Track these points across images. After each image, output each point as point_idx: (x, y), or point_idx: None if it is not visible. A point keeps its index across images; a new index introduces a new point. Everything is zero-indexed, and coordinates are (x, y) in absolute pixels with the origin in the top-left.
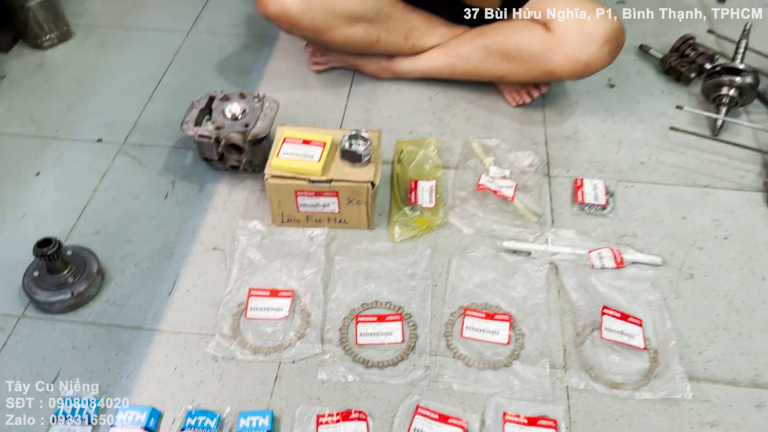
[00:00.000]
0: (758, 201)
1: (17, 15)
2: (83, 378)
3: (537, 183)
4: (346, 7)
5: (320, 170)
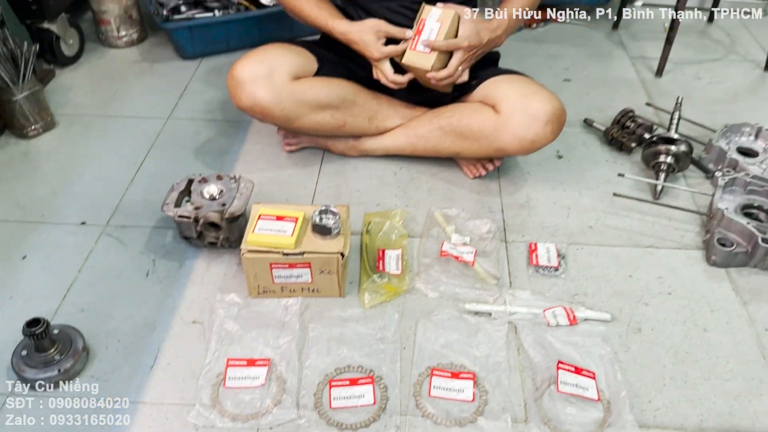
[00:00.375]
0: (698, 258)
1: (4, 108)
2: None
3: (495, 248)
4: (314, 97)
5: (293, 244)
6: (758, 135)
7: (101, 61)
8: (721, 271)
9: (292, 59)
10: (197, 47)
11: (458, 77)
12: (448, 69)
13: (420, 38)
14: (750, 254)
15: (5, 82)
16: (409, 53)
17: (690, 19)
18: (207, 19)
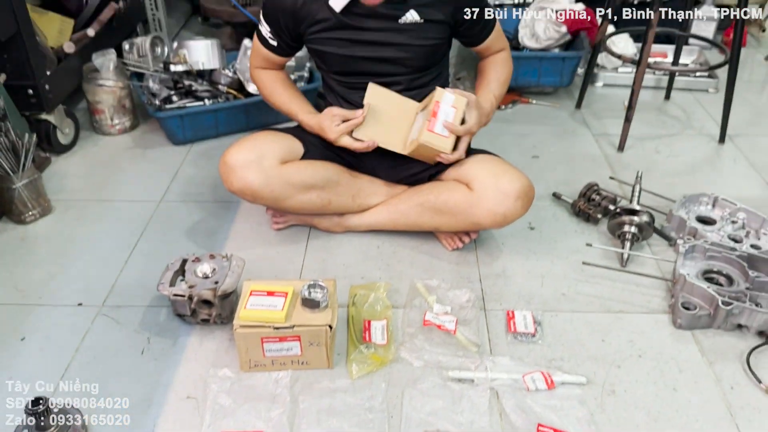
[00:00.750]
0: (665, 322)
1: (3, 195)
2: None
3: (475, 316)
4: (300, 179)
5: (284, 318)
6: (715, 204)
7: (95, 148)
8: (687, 333)
9: (280, 145)
10: (188, 134)
11: (459, 156)
12: (459, 152)
13: (437, 120)
14: (712, 316)
15: (6, 171)
16: (427, 134)
17: (648, 98)
18: (197, 107)
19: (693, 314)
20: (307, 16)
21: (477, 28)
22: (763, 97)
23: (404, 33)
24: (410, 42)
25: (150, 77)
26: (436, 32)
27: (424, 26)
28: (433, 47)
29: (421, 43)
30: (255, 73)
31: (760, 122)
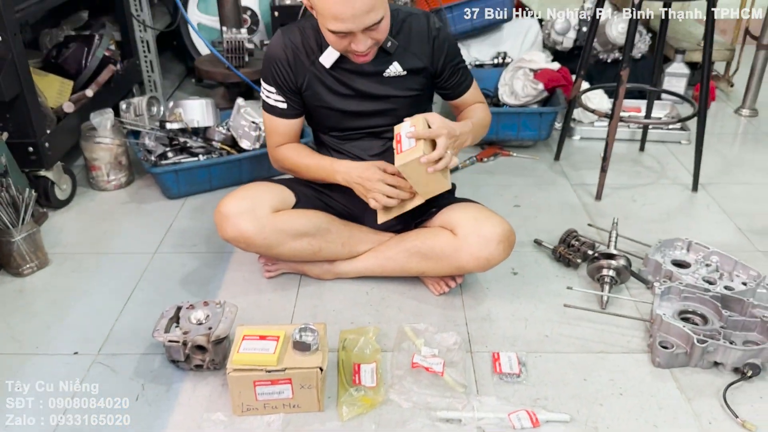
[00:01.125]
0: (644, 361)
1: (2, 248)
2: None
3: (461, 358)
4: (292, 227)
5: (275, 361)
6: (689, 248)
7: (91, 204)
8: (665, 371)
9: (272, 194)
10: (182, 188)
11: (450, 161)
12: (439, 149)
13: (401, 145)
14: (689, 354)
15: (6, 225)
16: (398, 157)
17: (624, 150)
18: (191, 163)
19: (670, 353)
20: (301, 70)
21: (454, 81)
22: (734, 148)
23: (389, 85)
24: (395, 93)
25: (146, 135)
26: (418, 82)
27: (407, 77)
28: (417, 97)
29: (405, 94)
30: (276, 152)
31: (732, 171)
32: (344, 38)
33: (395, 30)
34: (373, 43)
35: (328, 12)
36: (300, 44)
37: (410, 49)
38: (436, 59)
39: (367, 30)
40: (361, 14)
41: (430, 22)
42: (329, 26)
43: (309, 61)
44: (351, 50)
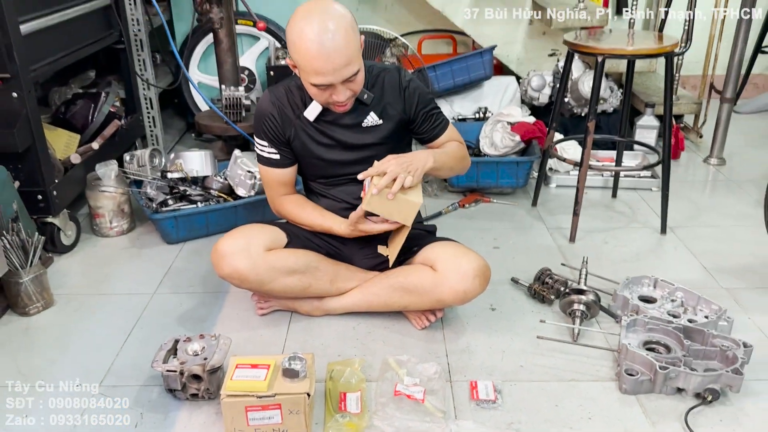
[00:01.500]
0: (612, 388)
1: (11, 288)
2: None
3: (441, 387)
4: (283, 264)
5: (266, 387)
6: (656, 285)
7: (94, 249)
8: (632, 398)
9: (266, 235)
10: (181, 233)
11: (404, 180)
12: (386, 176)
13: (365, 191)
14: (653, 381)
15: (15, 266)
16: (363, 202)
17: (597, 196)
18: (190, 209)
19: (636, 379)
20: (288, 124)
21: (427, 126)
22: (702, 194)
23: (368, 134)
24: (373, 141)
25: (148, 184)
26: (394, 130)
27: (383, 126)
28: (393, 144)
29: (383, 141)
30: (279, 204)
31: (700, 216)
32: (325, 90)
33: (370, 84)
34: (351, 94)
35: (311, 68)
36: (286, 101)
37: (385, 100)
38: (408, 107)
39: (346, 82)
40: (339, 68)
41: (401, 75)
42: (312, 80)
43: (294, 115)
44: (332, 101)
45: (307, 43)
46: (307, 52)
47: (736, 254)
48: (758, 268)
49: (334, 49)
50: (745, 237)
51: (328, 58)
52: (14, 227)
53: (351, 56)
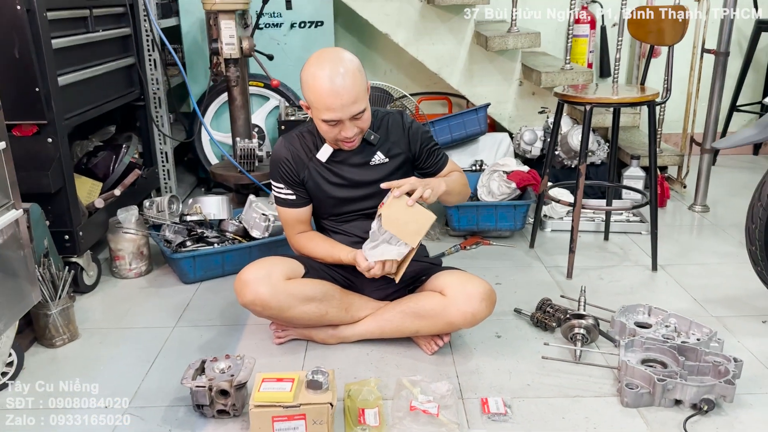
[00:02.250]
0: (614, 402)
1: (39, 320)
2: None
3: (454, 403)
4: (302, 292)
5: (291, 398)
6: (650, 313)
7: (114, 289)
8: (633, 410)
9: (285, 265)
10: (198, 273)
11: (423, 192)
12: (406, 184)
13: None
14: (652, 394)
15: (46, 298)
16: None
17: (590, 239)
18: (208, 249)
19: (636, 392)
20: (301, 166)
21: (431, 161)
22: (690, 237)
23: (375, 171)
24: (381, 178)
25: (167, 228)
26: (399, 166)
27: (390, 163)
28: (398, 178)
29: (387, 175)
30: (296, 240)
31: (688, 255)
32: (335, 127)
33: (376, 126)
34: (358, 131)
35: (322, 104)
36: (299, 145)
37: (390, 140)
38: (413, 145)
39: (353, 119)
40: (348, 104)
41: (404, 117)
42: (323, 116)
43: (307, 158)
44: (341, 138)
45: (319, 82)
46: (319, 90)
47: (723, 287)
48: (745, 299)
49: (343, 88)
50: (731, 272)
51: (338, 95)
52: (45, 262)
53: (358, 95)
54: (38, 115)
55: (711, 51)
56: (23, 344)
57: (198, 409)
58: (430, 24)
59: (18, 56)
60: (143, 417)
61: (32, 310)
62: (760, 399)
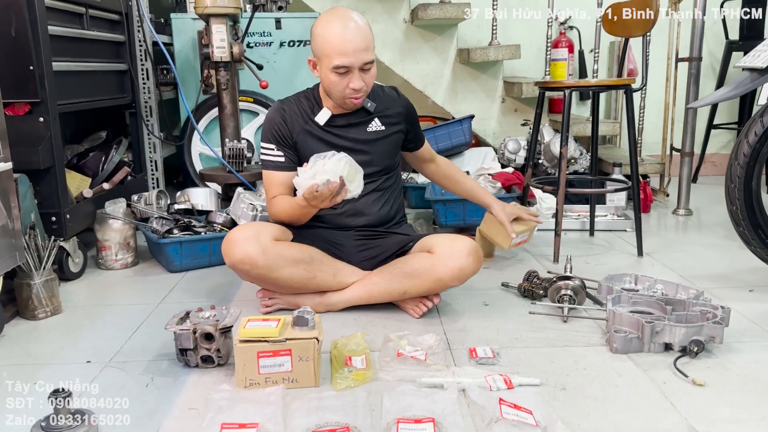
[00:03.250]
0: (604, 350)
1: (23, 291)
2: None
3: (442, 350)
4: (290, 253)
5: (278, 333)
6: (636, 281)
7: (99, 278)
8: (623, 356)
9: (274, 228)
10: (185, 261)
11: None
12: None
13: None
14: (641, 339)
15: (30, 267)
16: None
17: (576, 236)
18: (195, 237)
19: (625, 337)
20: (296, 128)
21: (414, 138)
22: (675, 233)
23: (371, 138)
24: (376, 146)
25: (154, 220)
26: (396, 137)
27: (386, 131)
28: (392, 150)
29: (383, 147)
30: (270, 207)
31: (672, 246)
32: (344, 76)
33: (372, 97)
34: (364, 86)
35: (334, 50)
36: (295, 108)
37: (387, 111)
38: (407, 121)
39: (362, 70)
40: (360, 50)
41: (398, 92)
42: (335, 62)
43: (303, 121)
44: (348, 90)
45: (332, 28)
46: (333, 35)
47: (708, 268)
48: (730, 275)
49: (356, 34)
50: (716, 257)
51: (351, 40)
52: (31, 233)
53: (369, 43)
54: (32, 94)
55: (684, 59)
56: (3, 318)
57: (182, 355)
58: (414, 44)
59: (14, 35)
60: (125, 369)
61: (15, 281)
62: (749, 345)
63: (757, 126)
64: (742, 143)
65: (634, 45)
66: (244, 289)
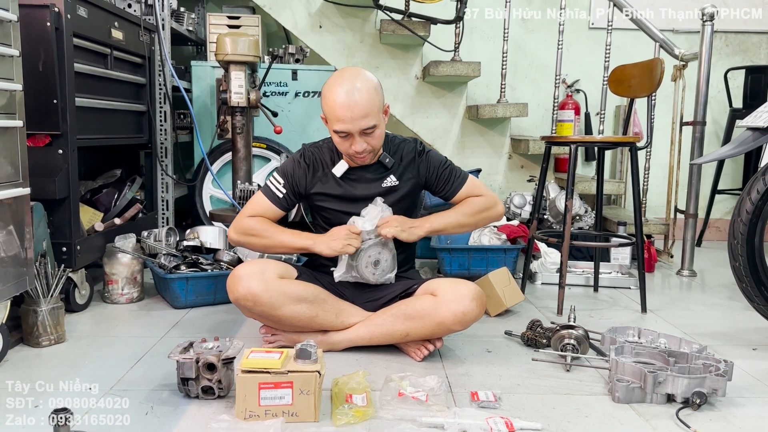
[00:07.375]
0: (606, 399)
1: (29, 317)
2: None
3: (443, 392)
4: (293, 291)
5: (280, 365)
6: (640, 334)
7: (105, 311)
8: (625, 405)
9: (278, 266)
10: (189, 297)
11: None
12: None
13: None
14: (643, 389)
15: (38, 294)
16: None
17: (580, 291)
18: (201, 273)
19: (627, 386)
20: (314, 175)
21: (443, 180)
22: (679, 292)
23: (383, 192)
24: (388, 199)
25: (162, 256)
26: (408, 189)
27: (400, 185)
28: (406, 202)
29: (397, 199)
30: (244, 220)
31: (676, 304)
32: (346, 140)
33: (392, 151)
34: (368, 148)
35: (334, 116)
36: (318, 157)
37: (403, 165)
38: (423, 171)
39: (363, 134)
40: (357, 118)
41: (417, 144)
42: (335, 127)
43: (322, 171)
44: (351, 152)
45: (334, 94)
46: (332, 101)
47: (711, 326)
48: (733, 333)
49: (355, 102)
50: (719, 316)
51: (349, 107)
52: (41, 260)
53: (370, 111)
54: (53, 126)
55: (689, 123)
56: (8, 345)
57: (183, 385)
58: (425, 99)
59: (42, 69)
60: (125, 397)
61: (22, 307)
62: (752, 401)
63: (760, 184)
64: (744, 200)
65: (639, 109)
66: (247, 327)
